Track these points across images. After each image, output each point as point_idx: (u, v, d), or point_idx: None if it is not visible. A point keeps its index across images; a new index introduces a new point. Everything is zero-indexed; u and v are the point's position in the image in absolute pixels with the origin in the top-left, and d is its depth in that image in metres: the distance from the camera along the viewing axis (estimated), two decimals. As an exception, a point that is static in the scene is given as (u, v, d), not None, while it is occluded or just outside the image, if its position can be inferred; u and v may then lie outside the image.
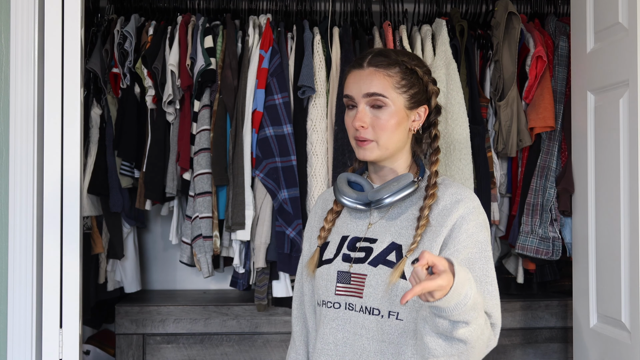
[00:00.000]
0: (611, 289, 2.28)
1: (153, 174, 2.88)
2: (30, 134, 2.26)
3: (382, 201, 1.62)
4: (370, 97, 1.62)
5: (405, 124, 1.65)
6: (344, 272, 1.64)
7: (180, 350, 2.87)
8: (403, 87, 1.64)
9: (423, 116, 1.68)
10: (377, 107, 1.63)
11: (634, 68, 2.14)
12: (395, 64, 1.64)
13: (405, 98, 1.64)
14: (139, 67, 2.86)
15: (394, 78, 1.63)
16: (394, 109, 1.62)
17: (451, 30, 2.85)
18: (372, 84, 1.62)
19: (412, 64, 1.66)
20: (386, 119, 1.62)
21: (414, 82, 1.65)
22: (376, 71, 1.63)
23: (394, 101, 1.62)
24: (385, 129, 1.62)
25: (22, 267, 2.24)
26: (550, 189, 2.80)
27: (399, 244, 1.61)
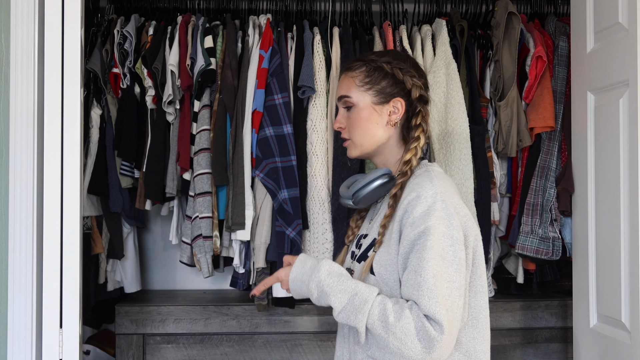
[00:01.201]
0: (611, 289, 2.28)
1: (153, 174, 2.88)
2: (30, 134, 2.26)
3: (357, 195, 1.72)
4: (341, 100, 1.75)
5: (376, 119, 1.72)
6: (349, 269, 1.77)
7: (180, 350, 2.87)
8: (366, 84, 1.72)
9: (401, 109, 1.72)
10: (348, 108, 1.74)
11: (634, 68, 2.15)
12: (361, 65, 1.74)
13: (371, 94, 1.72)
14: (139, 67, 2.86)
15: (357, 78, 1.73)
16: (360, 106, 1.72)
17: (451, 30, 2.85)
18: (341, 88, 1.75)
19: (381, 60, 1.72)
20: (354, 117, 1.72)
21: (380, 77, 1.71)
22: (344, 75, 1.76)
23: (359, 99, 1.72)
24: (355, 127, 1.72)
25: (22, 267, 2.24)
26: (550, 189, 2.80)
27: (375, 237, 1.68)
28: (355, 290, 1.58)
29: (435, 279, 1.52)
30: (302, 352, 2.90)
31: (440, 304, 1.51)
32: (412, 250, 1.56)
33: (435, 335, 1.50)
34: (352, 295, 1.57)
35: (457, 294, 1.54)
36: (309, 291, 1.63)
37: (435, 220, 1.55)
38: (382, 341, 1.54)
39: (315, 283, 1.61)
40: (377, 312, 1.54)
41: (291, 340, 2.90)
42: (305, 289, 1.64)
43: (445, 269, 1.54)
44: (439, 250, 1.54)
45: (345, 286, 1.59)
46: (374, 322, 1.54)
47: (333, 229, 2.74)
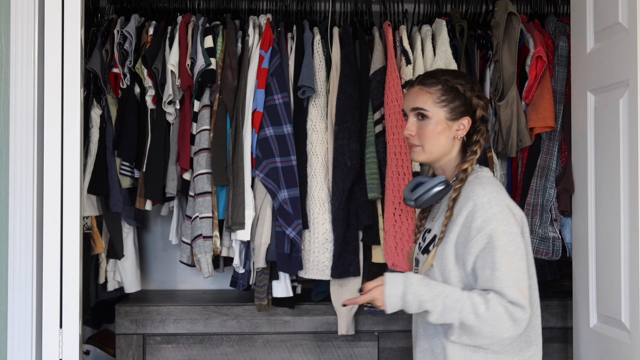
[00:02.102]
0: (611, 289, 2.28)
1: (153, 174, 2.88)
2: (30, 134, 2.26)
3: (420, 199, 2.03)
4: (415, 111, 2.01)
5: (447, 132, 2.00)
6: (416, 258, 2.12)
7: (180, 350, 2.87)
8: (443, 101, 2.00)
9: (467, 126, 2.02)
10: (421, 119, 2.01)
11: (634, 68, 2.14)
12: (437, 83, 2.01)
13: (445, 111, 2.00)
14: (139, 67, 2.86)
15: (434, 94, 2.00)
16: (435, 120, 1.99)
17: (451, 31, 2.85)
18: (417, 100, 2.01)
19: (454, 82, 2.01)
20: (428, 128, 2.00)
21: (455, 97, 2.00)
22: (420, 89, 2.02)
23: (434, 114, 1.99)
24: (428, 137, 2.00)
25: (22, 267, 2.24)
26: (550, 189, 2.80)
27: (436, 234, 2.00)
28: (445, 292, 1.87)
29: (509, 271, 1.85)
30: (302, 352, 2.90)
31: (518, 290, 1.84)
32: (484, 251, 1.87)
33: (520, 315, 1.84)
34: (444, 297, 1.86)
35: (524, 278, 1.89)
36: (405, 303, 1.90)
37: (496, 224, 1.87)
38: (475, 329, 1.85)
39: (412, 295, 1.89)
40: (468, 306, 1.84)
41: (291, 340, 2.90)
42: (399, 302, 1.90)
43: (512, 260, 1.86)
44: (505, 247, 1.86)
45: (437, 291, 1.88)
46: (467, 315, 1.84)
47: (333, 228, 2.74)
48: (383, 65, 2.80)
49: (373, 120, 2.78)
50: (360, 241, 2.79)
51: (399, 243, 2.69)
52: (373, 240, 2.76)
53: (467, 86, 2.02)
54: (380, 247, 2.76)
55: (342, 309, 2.80)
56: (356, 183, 2.75)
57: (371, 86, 2.79)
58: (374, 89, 2.78)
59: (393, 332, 2.90)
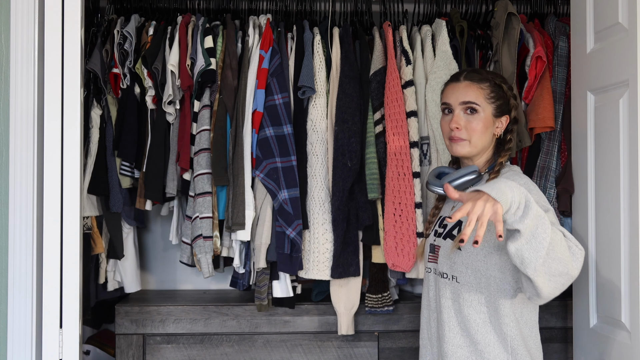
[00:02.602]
0: (611, 289, 2.28)
1: (153, 174, 2.88)
2: (30, 134, 2.26)
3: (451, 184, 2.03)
4: (466, 105, 2.06)
5: (491, 128, 2.08)
6: (432, 244, 2.16)
7: (180, 350, 2.87)
8: (492, 98, 2.08)
9: (505, 124, 2.12)
10: (470, 113, 2.06)
11: (634, 68, 2.14)
12: (485, 80, 2.09)
13: (493, 107, 2.08)
14: (139, 68, 2.86)
15: (485, 90, 2.08)
16: (484, 115, 2.07)
17: (451, 31, 2.85)
18: (468, 94, 2.07)
19: (499, 80, 2.11)
20: (477, 122, 2.06)
21: (500, 95, 2.10)
22: (471, 84, 2.08)
23: (484, 109, 2.07)
24: (476, 130, 2.06)
25: (22, 267, 2.24)
26: (550, 189, 2.80)
27: (462, 220, 2.03)
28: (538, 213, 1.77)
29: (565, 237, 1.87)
30: (302, 352, 2.90)
31: None
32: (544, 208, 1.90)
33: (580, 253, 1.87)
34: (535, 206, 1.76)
35: None
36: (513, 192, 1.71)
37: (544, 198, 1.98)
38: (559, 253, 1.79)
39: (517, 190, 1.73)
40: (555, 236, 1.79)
41: (291, 340, 2.90)
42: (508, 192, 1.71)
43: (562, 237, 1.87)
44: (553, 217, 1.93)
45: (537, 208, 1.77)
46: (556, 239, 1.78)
47: (333, 229, 2.74)
48: (383, 65, 2.80)
49: (373, 120, 2.78)
50: (360, 241, 2.79)
51: (399, 243, 2.69)
52: (373, 240, 2.76)
53: (507, 86, 2.13)
54: (380, 247, 2.76)
55: (341, 309, 2.80)
56: (356, 183, 2.75)
57: (371, 86, 2.79)
58: (374, 89, 2.78)
59: (393, 332, 2.90)
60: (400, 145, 2.70)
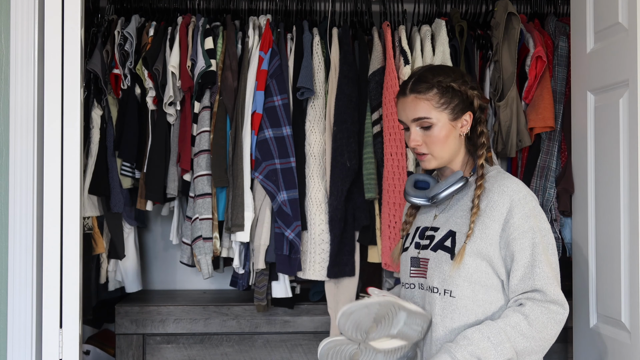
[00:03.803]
0: (611, 289, 2.28)
1: (154, 174, 2.88)
2: (30, 134, 2.26)
3: (437, 196, 1.94)
4: (418, 121, 1.93)
5: (453, 133, 1.94)
6: (415, 257, 1.99)
7: (180, 350, 2.87)
8: (443, 104, 1.92)
9: (470, 120, 1.96)
10: (426, 128, 1.92)
11: (634, 68, 2.14)
12: (432, 87, 1.92)
13: (447, 113, 1.92)
14: (140, 68, 2.86)
15: (432, 100, 1.91)
16: (440, 125, 1.92)
17: (451, 31, 2.85)
18: (417, 110, 1.92)
19: (448, 81, 1.93)
20: (435, 135, 1.92)
21: (453, 96, 1.93)
22: (417, 98, 1.93)
23: (438, 119, 1.92)
24: (436, 143, 1.93)
25: (22, 267, 2.24)
26: (550, 189, 2.80)
27: (453, 230, 1.92)
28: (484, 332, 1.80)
29: (549, 267, 1.84)
30: (302, 352, 2.90)
31: (558, 287, 1.86)
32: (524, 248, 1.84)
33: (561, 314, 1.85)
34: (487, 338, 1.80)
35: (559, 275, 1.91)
36: None
37: (534, 221, 1.86)
38: (528, 349, 1.82)
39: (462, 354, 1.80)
40: (512, 332, 1.80)
41: (291, 340, 2.90)
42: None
43: (550, 257, 1.86)
44: (544, 243, 1.85)
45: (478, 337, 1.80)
46: (517, 340, 1.80)
47: (330, 229, 2.74)
48: (382, 65, 2.80)
49: (371, 120, 2.78)
50: (356, 241, 2.79)
51: (393, 243, 2.68)
52: (369, 240, 2.76)
53: (460, 81, 1.95)
54: (377, 247, 2.75)
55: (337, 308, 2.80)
56: (354, 183, 2.75)
57: (369, 86, 2.79)
58: (372, 90, 2.78)
59: (393, 333, 2.90)
60: (397, 145, 2.70)
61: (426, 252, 1.96)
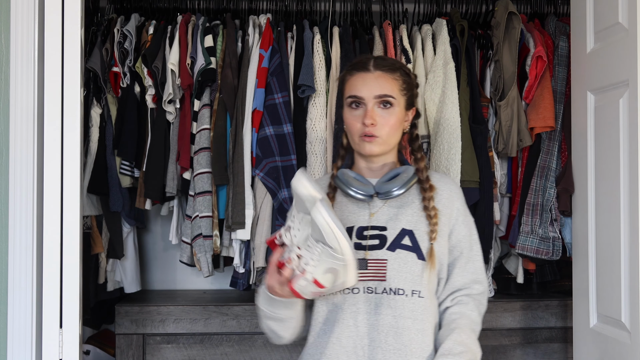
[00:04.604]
0: (611, 289, 2.29)
1: (153, 173, 2.88)
2: (30, 134, 2.26)
3: (392, 193, 1.82)
4: (382, 98, 1.81)
5: (403, 122, 1.87)
6: (360, 259, 1.80)
7: (180, 350, 2.87)
8: (404, 89, 1.85)
9: (411, 117, 1.90)
10: (385, 107, 1.82)
11: (634, 68, 2.14)
12: (397, 69, 1.85)
13: (405, 100, 1.85)
14: (139, 67, 2.86)
15: (398, 81, 1.84)
16: (398, 109, 1.83)
17: (451, 30, 2.85)
18: (384, 87, 1.82)
19: (406, 68, 1.88)
20: (391, 117, 1.82)
21: (411, 86, 1.88)
22: (384, 74, 1.83)
23: (399, 102, 1.83)
24: (389, 125, 1.82)
25: (22, 267, 2.24)
26: (550, 189, 2.80)
27: (409, 229, 1.82)
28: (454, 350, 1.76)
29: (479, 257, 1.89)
30: (302, 352, 2.89)
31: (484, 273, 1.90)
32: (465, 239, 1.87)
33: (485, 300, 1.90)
34: None
35: None
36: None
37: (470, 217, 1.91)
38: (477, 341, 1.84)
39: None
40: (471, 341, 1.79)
41: (291, 340, 2.89)
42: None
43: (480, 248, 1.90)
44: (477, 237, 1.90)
45: None
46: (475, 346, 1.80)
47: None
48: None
49: (373, 120, 2.78)
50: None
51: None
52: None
53: (413, 76, 1.91)
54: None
55: None
56: (356, 183, 2.75)
57: (371, 86, 2.78)
58: (374, 89, 2.78)
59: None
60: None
61: (379, 252, 1.80)
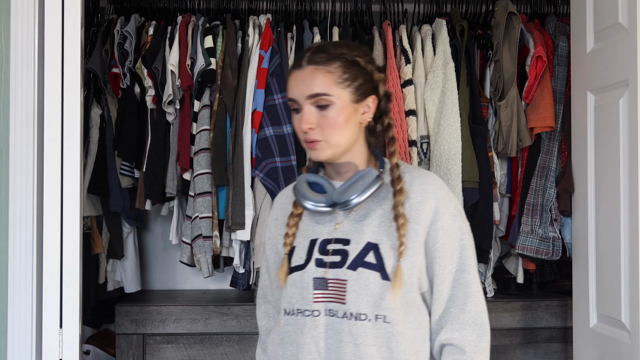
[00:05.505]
0: (611, 289, 2.28)
1: (153, 174, 2.88)
2: (30, 134, 2.26)
3: (350, 202, 1.57)
4: (314, 98, 1.56)
5: (354, 118, 1.59)
6: (320, 278, 1.58)
7: (180, 350, 2.87)
8: (346, 81, 1.57)
9: (373, 107, 1.62)
10: (323, 107, 1.56)
11: (634, 68, 2.14)
12: (334, 59, 1.57)
13: (350, 92, 1.58)
14: (139, 67, 2.86)
15: (335, 73, 1.57)
16: (340, 105, 1.57)
17: (451, 30, 2.85)
18: (314, 84, 1.56)
19: (353, 55, 1.59)
20: (334, 117, 1.56)
21: (357, 74, 1.59)
22: (316, 69, 1.57)
23: (338, 97, 1.56)
24: (334, 127, 1.57)
25: (22, 267, 2.24)
26: (550, 189, 2.80)
27: (374, 243, 1.57)
28: None
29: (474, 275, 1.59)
30: (302, 352, 2.89)
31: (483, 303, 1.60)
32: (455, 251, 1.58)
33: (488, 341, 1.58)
34: None
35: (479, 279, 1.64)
36: None
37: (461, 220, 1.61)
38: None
39: None
40: None
41: (291, 340, 2.89)
42: None
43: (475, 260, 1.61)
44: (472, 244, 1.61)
45: None
46: None
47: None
48: (382, 64, 2.80)
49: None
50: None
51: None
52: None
53: (367, 58, 1.62)
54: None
55: None
56: (356, 183, 2.75)
57: (371, 86, 2.79)
58: (373, 89, 2.78)
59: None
60: (399, 144, 2.70)
61: (339, 271, 1.57)
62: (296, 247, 1.64)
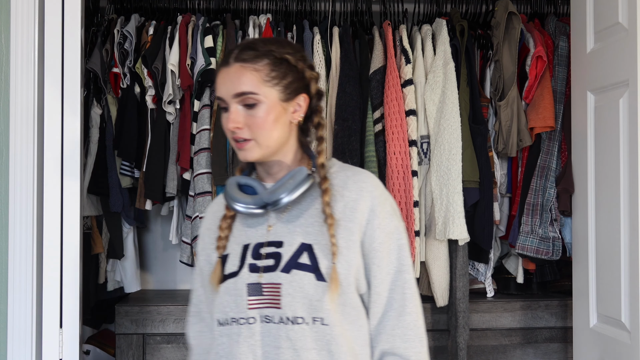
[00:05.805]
0: (611, 289, 2.28)
1: (153, 173, 2.88)
2: (30, 134, 2.26)
3: (280, 202, 1.53)
4: (241, 97, 1.52)
5: (284, 117, 1.55)
6: (254, 283, 1.53)
7: (180, 350, 2.87)
8: (274, 79, 1.53)
9: (304, 105, 1.58)
10: (250, 106, 1.52)
11: (634, 68, 2.14)
12: (262, 56, 1.53)
13: (278, 90, 1.53)
14: (139, 67, 2.86)
15: (262, 72, 1.53)
16: (268, 104, 1.52)
17: (451, 30, 2.85)
18: (240, 83, 1.52)
19: (282, 52, 1.55)
20: (262, 116, 1.52)
21: (287, 72, 1.55)
22: (243, 67, 1.53)
23: (266, 96, 1.52)
24: (262, 127, 1.52)
25: (22, 267, 2.24)
26: (550, 189, 2.80)
27: (308, 243, 1.53)
28: None
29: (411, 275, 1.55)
30: (302, 352, 2.89)
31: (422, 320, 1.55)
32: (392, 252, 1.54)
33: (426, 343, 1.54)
34: None
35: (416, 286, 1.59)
36: None
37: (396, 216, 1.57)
38: None
39: None
40: None
41: (291, 340, 2.89)
42: None
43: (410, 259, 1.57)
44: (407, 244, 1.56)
45: None
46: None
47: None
48: (383, 64, 2.80)
49: (372, 119, 2.78)
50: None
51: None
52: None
53: (298, 55, 1.58)
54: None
55: None
56: (356, 183, 2.75)
57: (371, 85, 2.79)
58: (373, 88, 2.78)
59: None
60: (400, 144, 2.70)
61: (273, 274, 1.52)
62: (229, 255, 1.58)
